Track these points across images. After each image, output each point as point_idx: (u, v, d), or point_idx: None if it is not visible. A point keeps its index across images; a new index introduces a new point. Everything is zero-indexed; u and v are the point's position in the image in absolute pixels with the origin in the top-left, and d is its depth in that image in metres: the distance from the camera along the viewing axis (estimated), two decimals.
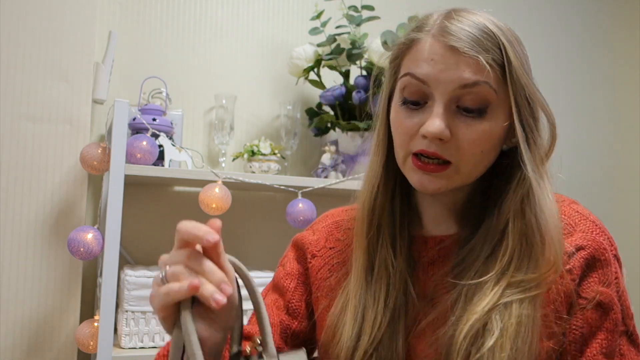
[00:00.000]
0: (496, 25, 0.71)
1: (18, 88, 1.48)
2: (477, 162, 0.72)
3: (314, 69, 1.76)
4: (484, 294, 0.69)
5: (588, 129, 2.41)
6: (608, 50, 2.48)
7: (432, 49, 0.70)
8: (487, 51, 0.68)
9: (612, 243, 0.76)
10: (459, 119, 0.70)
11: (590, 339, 0.70)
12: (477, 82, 0.68)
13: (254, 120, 1.86)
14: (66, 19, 1.53)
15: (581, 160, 2.38)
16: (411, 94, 0.72)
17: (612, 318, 0.71)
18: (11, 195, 1.47)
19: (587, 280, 0.72)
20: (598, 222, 0.76)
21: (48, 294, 1.48)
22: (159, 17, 1.77)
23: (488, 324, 0.67)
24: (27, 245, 1.48)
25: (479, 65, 0.68)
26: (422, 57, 0.70)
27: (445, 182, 0.72)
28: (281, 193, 1.74)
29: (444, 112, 0.69)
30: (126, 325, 1.41)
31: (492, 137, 0.71)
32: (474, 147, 0.70)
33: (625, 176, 2.47)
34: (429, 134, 0.68)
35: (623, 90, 2.50)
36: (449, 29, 0.69)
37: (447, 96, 0.69)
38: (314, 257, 0.87)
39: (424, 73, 0.70)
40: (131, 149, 1.42)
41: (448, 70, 0.68)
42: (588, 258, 0.72)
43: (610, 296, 0.71)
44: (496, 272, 0.70)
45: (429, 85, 0.70)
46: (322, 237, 0.88)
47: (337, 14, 1.75)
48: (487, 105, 0.69)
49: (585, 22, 2.44)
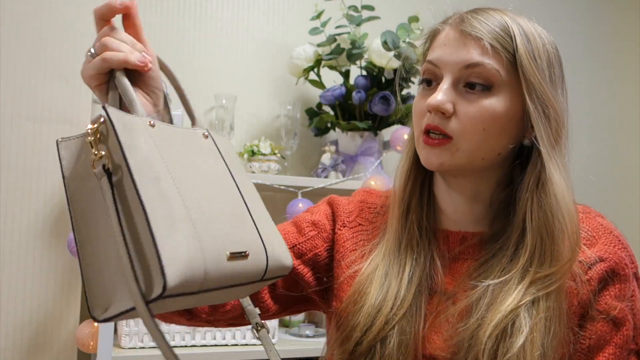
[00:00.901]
0: (517, 22, 0.75)
1: (18, 88, 1.48)
2: (480, 141, 0.72)
3: (314, 69, 1.76)
4: (508, 293, 0.69)
5: (588, 129, 2.41)
6: (608, 50, 2.48)
7: (448, 35, 0.75)
8: (496, 38, 0.72)
9: (634, 261, 0.75)
10: (464, 97, 0.72)
11: (598, 352, 0.70)
12: (480, 63, 0.71)
13: (254, 120, 1.86)
14: (66, 19, 1.53)
15: (581, 160, 2.37)
16: (426, 76, 0.76)
17: (624, 334, 0.70)
18: (11, 196, 1.47)
19: (604, 293, 0.71)
20: (622, 238, 0.76)
21: (48, 294, 1.48)
22: (159, 17, 1.77)
23: (516, 323, 0.67)
24: (27, 245, 1.48)
25: (486, 47, 0.71)
26: (438, 44, 0.76)
27: (448, 157, 0.73)
28: (281, 193, 1.74)
29: (449, 88, 0.72)
30: (126, 325, 1.41)
31: (495, 117, 0.72)
32: (474, 123, 0.71)
33: (625, 176, 2.47)
34: (430, 106, 0.72)
35: (623, 90, 2.50)
36: (466, 19, 0.74)
37: (453, 75, 0.72)
38: (344, 226, 0.88)
39: (436, 57, 0.75)
40: None
41: (456, 52, 0.73)
42: (608, 271, 0.71)
43: (624, 312, 0.71)
44: (518, 269, 0.71)
45: (439, 67, 0.74)
46: (356, 209, 0.89)
47: (337, 14, 1.75)
48: (492, 84, 0.72)
49: (585, 22, 2.44)
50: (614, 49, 2.50)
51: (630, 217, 2.46)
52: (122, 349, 1.41)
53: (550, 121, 0.72)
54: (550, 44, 0.78)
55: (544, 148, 0.72)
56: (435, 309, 0.75)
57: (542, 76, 0.73)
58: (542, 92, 0.72)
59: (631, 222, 2.45)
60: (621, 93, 2.50)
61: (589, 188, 2.36)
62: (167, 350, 0.50)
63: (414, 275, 0.77)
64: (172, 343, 1.44)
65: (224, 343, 1.48)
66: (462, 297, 0.73)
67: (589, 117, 2.42)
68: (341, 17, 1.73)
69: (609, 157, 2.45)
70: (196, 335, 1.45)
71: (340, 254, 0.86)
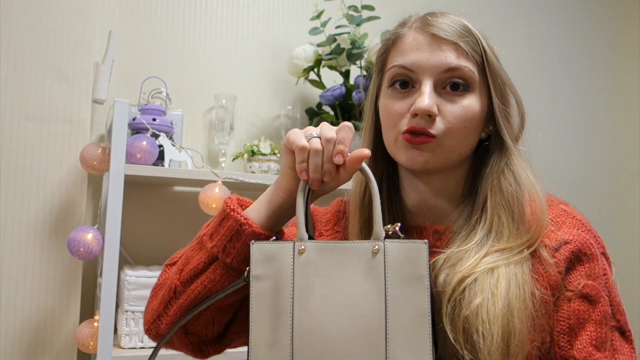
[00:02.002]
0: (471, 24, 0.80)
1: (18, 88, 1.48)
2: (461, 138, 0.77)
3: (314, 69, 1.76)
4: (466, 259, 0.73)
5: (588, 129, 2.41)
6: (608, 50, 2.48)
7: (417, 39, 0.78)
8: (466, 41, 0.77)
9: (599, 241, 0.79)
10: (445, 98, 0.77)
11: (579, 331, 0.72)
12: (459, 66, 0.76)
13: (254, 120, 1.86)
14: (66, 19, 1.53)
15: (581, 160, 2.38)
16: (400, 78, 0.78)
17: (600, 310, 0.72)
18: (11, 196, 1.47)
19: (573, 272, 0.74)
20: (585, 221, 0.79)
21: (48, 294, 1.48)
22: (159, 17, 1.77)
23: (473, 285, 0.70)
24: (27, 245, 1.48)
25: (460, 50, 0.76)
26: (408, 48, 0.78)
27: (431, 155, 0.76)
28: None
29: (432, 91, 0.76)
30: (126, 325, 1.41)
31: (474, 115, 0.77)
32: (459, 122, 0.76)
33: (625, 176, 2.47)
34: (419, 110, 0.74)
35: (623, 90, 2.50)
36: (430, 22, 0.78)
37: (434, 78, 0.76)
38: (321, 235, 0.91)
39: (410, 62, 0.77)
40: (131, 149, 1.42)
41: (433, 56, 0.76)
42: (574, 251, 0.74)
43: (596, 288, 0.73)
44: (476, 242, 0.74)
45: (416, 72, 0.77)
46: (333, 218, 0.92)
47: (337, 14, 1.75)
48: (470, 84, 0.77)
49: (585, 22, 2.44)
50: (614, 48, 2.50)
51: (630, 217, 2.46)
52: (122, 349, 1.40)
53: (512, 115, 0.79)
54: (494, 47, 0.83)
55: (509, 140, 0.78)
56: None
57: (504, 74, 0.79)
58: (505, 90, 0.79)
59: (631, 222, 2.45)
60: (622, 93, 2.50)
61: (589, 188, 2.36)
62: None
63: None
64: None
65: None
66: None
67: (589, 117, 2.42)
68: (341, 17, 1.73)
69: (609, 157, 2.45)
70: None
71: None
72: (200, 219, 1.81)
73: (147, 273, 1.43)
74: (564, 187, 2.23)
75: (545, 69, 2.32)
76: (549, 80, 2.32)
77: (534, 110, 0.85)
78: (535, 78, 2.29)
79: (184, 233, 1.75)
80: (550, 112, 2.30)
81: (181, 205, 1.74)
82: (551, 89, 2.33)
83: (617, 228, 2.38)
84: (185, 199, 1.75)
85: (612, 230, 2.33)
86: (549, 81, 2.32)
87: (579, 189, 2.32)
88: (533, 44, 2.31)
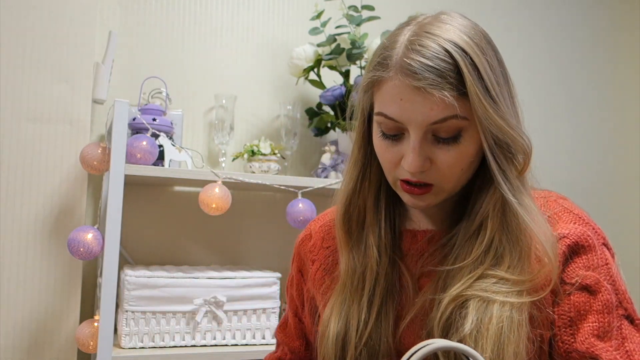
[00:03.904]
0: (459, 47, 0.70)
1: (18, 88, 1.48)
2: (458, 179, 0.75)
3: (314, 69, 1.76)
4: (459, 279, 0.72)
5: (588, 128, 2.41)
6: (608, 50, 2.48)
7: (399, 89, 0.71)
8: (452, 84, 0.69)
9: (599, 233, 0.77)
10: (436, 147, 0.73)
11: (581, 323, 0.71)
12: (446, 119, 0.70)
13: (254, 120, 1.86)
14: (66, 19, 1.53)
15: (581, 160, 2.38)
16: (388, 130, 0.75)
17: (601, 300, 0.71)
18: (11, 195, 1.47)
19: (571, 266, 0.73)
20: (583, 215, 0.78)
21: (48, 294, 1.48)
22: (159, 17, 1.77)
23: (462, 310, 0.69)
24: (27, 245, 1.48)
25: (446, 102, 0.69)
26: (391, 97, 0.72)
27: (434, 198, 0.76)
28: (281, 193, 1.74)
29: (420, 146, 0.72)
30: (126, 325, 1.41)
31: (469, 156, 0.73)
32: (453, 169, 0.73)
33: (625, 176, 2.47)
34: (409, 170, 0.72)
35: (623, 90, 2.50)
36: (411, 68, 0.69)
37: (421, 131, 0.71)
38: (313, 262, 0.91)
39: (395, 114, 0.72)
40: (131, 149, 1.42)
41: (417, 110, 0.70)
42: (570, 245, 0.74)
43: (595, 278, 0.72)
44: (472, 259, 0.73)
45: (402, 123, 0.72)
46: (319, 238, 0.92)
47: (337, 14, 1.75)
48: (460, 132, 0.72)
49: (585, 22, 2.44)
50: (614, 48, 2.50)
51: (630, 217, 2.46)
52: (122, 349, 1.40)
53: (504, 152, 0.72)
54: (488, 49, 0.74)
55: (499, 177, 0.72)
56: (407, 309, 0.78)
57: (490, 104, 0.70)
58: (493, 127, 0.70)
59: (631, 222, 2.45)
60: (622, 93, 2.50)
61: (589, 188, 2.36)
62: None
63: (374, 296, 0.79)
64: (172, 343, 1.44)
65: (224, 343, 1.48)
66: (426, 290, 0.76)
67: (589, 117, 2.42)
68: (341, 17, 1.73)
69: (609, 158, 2.44)
70: (196, 335, 1.45)
71: (315, 289, 0.90)
72: (200, 219, 1.83)
73: (147, 273, 1.43)
74: (564, 187, 2.23)
75: (545, 68, 2.32)
76: (549, 79, 2.32)
77: (534, 110, 0.85)
78: (534, 78, 2.29)
79: (184, 233, 1.75)
80: (550, 112, 2.30)
81: (181, 205, 1.74)
82: (551, 89, 2.33)
83: (618, 228, 2.38)
84: (185, 199, 1.75)
85: (612, 231, 2.33)
86: (549, 81, 2.32)
87: (579, 189, 2.32)
88: (530, 44, 2.31)
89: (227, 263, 1.78)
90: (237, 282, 1.49)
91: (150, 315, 1.42)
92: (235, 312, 1.49)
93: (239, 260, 1.79)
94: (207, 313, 1.46)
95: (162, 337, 1.43)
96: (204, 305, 1.45)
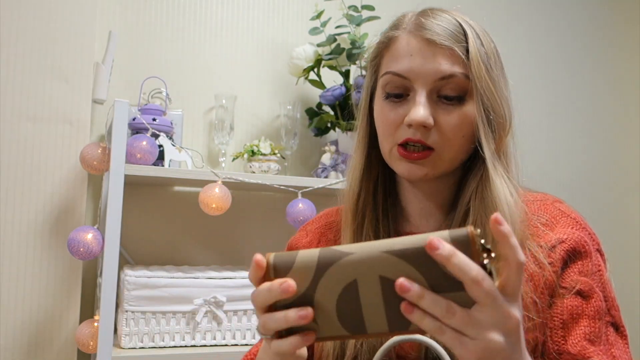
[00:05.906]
0: (466, 21, 0.76)
1: (18, 88, 1.48)
2: (458, 147, 0.75)
3: (314, 69, 1.76)
4: None
5: (588, 128, 2.41)
6: (609, 49, 2.48)
7: (410, 44, 0.75)
8: (460, 44, 0.73)
9: (594, 238, 0.78)
10: (440, 107, 0.74)
11: (573, 326, 0.72)
12: (453, 74, 0.73)
13: (254, 120, 1.86)
14: (66, 19, 1.53)
15: (581, 160, 2.38)
16: (393, 89, 0.76)
17: (594, 305, 0.73)
18: (11, 195, 1.47)
19: (568, 271, 0.74)
20: (579, 219, 0.79)
21: (48, 294, 1.48)
22: (159, 17, 1.77)
23: None
24: (27, 245, 1.48)
25: (455, 55, 0.73)
26: (401, 53, 0.75)
27: (431, 168, 0.75)
28: (281, 193, 1.74)
29: (427, 101, 0.73)
30: (126, 325, 1.41)
31: (471, 122, 0.74)
32: (456, 132, 0.74)
33: (625, 176, 2.47)
34: (414, 121, 0.72)
35: (623, 90, 2.50)
36: (424, 24, 0.74)
37: (428, 87, 0.73)
38: None
39: (404, 69, 0.74)
40: (131, 149, 1.42)
41: (426, 63, 0.73)
42: (569, 250, 0.74)
43: (589, 284, 0.73)
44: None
45: (409, 80, 0.74)
46: (315, 238, 0.91)
47: (337, 14, 1.75)
48: (465, 92, 0.74)
49: (585, 21, 2.44)
50: (615, 47, 2.50)
51: (630, 217, 2.46)
52: (122, 349, 1.40)
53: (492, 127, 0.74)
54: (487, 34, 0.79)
55: (487, 153, 0.74)
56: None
57: (491, 79, 0.74)
58: (488, 98, 0.74)
59: (631, 222, 2.45)
60: (622, 93, 2.50)
61: (589, 188, 2.36)
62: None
63: None
64: (172, 343, 1.44)
65: (223, 343, 1.48)
66: None
67: (590, 117, 2.42)
68: (341, 17, 1.73)
69: (609, 158, 2.44)
70: (196, 335, 1.45)
71: None
72: (200, 219, 1.83)
73: (147, 273, 1.43)
74: (564, 188, 2.23)
75: (544, 68, 2.32)
76: (548, 79, 2.32)
77: (533, 111, 0.85)
78: (533, 77, 2.29)
79: (184, 233, 1.75)
80: (550, 111, 2.30)
81: (181, 205, 1.74)
82: (550, 88, 2.33)
83: (617, 228, 2.38)
84: (185, 199, 1.75)
85: (612, 231, 2.33)
86: (548, 80, 2.32)
87: (579, 189, 2.32)
88: (530, 44, 2.31)
89: (227, 263, 1.78)
90: (237, 282, 1.49)
91: (150, 315, 1.42)
92: (235, 312, 1.49)
93: (239, 260, 1.79)
94: (207, 313, 1.46)
95: (162, 337, 1.43)
96: (204, 305, 1.45)
